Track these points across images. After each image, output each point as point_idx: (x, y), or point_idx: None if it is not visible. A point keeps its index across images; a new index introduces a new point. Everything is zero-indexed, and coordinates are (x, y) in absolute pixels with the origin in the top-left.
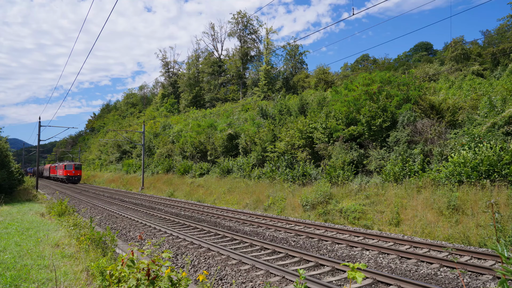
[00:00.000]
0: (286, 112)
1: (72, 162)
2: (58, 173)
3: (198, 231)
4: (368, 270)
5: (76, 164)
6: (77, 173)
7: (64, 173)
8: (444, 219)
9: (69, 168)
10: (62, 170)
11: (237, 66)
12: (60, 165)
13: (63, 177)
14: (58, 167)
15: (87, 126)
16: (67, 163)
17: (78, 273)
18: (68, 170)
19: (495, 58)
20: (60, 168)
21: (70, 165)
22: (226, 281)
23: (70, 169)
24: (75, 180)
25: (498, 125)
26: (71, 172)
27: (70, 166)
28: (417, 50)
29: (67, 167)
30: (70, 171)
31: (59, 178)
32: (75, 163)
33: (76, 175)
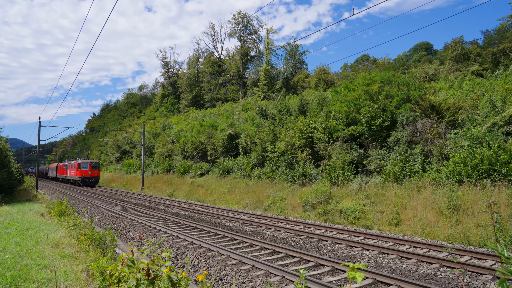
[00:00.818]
0: (286, 112)
1: (88, 159)
2: (69, 173)
3: (198, 231)
4: (368, 270)
5: (93, 163)
6: (94, 174)
7: (78, 173)
8: (444, 219)
9: (84, 167)
10: (75, 170)
11: (237, 66)
12: (72, 164)
13: (77, 179)
14: (69, 167)
15: (87, 126)
16: (82, 161)
17: (78, 273)
18: (83, 170)
19: (495, 58)
20: (72, 167)
21: (86, 163)
22: (226, 281)
23: (86, 168)
24: (92, 183)
25: (498, 125)
26: (86, 173)
27: (86, 165)
28: (417, 50)
29: (82, 166)
30: (86, 171)
31: (71, 180)
32: (91, 161)
33: (93, 176)
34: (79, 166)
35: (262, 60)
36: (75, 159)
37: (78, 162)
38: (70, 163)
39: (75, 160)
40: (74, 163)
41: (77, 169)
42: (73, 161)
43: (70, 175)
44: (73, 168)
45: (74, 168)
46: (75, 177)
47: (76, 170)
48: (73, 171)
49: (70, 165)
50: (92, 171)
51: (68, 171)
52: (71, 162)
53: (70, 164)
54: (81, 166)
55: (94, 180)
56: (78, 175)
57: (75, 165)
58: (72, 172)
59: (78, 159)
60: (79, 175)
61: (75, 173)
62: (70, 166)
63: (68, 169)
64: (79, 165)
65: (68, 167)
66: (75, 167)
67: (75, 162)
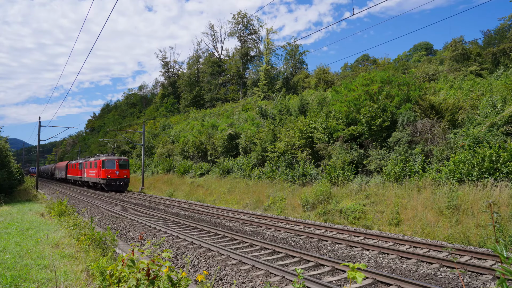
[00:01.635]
0: (286, 112)
1: (113, 155)
2: (85, 174)
3: (198, 231)
4: (368, 270)
5: (121, 160)
6: (123, 175)
7: (102, 174)
8: (444, 219)
9: (109, 165)
10: (96, 169)
11: (237, 66)
12: (91, 162)
13: (99, 182)
14: (85, 165)
15: (87, 126)
16: (107, 158)
17: (78, 273)
18: (108, 170)
19: (495, 58)
20: (92, 166)
21: (112, 161)
22: (226, 281)
23: (112, 167)
24: (121, 187)
25: (497, 125)
26: (113, 173)
27: (112, 163)
28: (417, 50)
29: (107, 164)
30: (112, 172)
31: (89, 183)
32: (119, 157)
33: (122, 178)
34: (103, 165)
35: (262, 60)
36: (96, 155)
37: (101, 159)
38: (88, 160)
39: (96, 157)
40: (95, 161)
41: (99, 168)
42: (93, 158)
43: (89, 176)
44: (92, 168)
45: (95, 167)
46: (96, 178)
47: (98, 169)
48: (92, 171)
49: (87, 163)
50: (120, 171)
51: (85, 171)
52: (89, 160)
53: (87, 163)
54: (106, 165)
55: (124, 183)
56: (102, 177)
57: (96, 163)
58: (92, 173)
59: (100, 155)
60: (103, 176)
61: (97, 173)
62: (88, 165)
63: (85, 168)
64: (102, 163)
65: (85, 166)
66: (97, 166)
67: (96, 159)
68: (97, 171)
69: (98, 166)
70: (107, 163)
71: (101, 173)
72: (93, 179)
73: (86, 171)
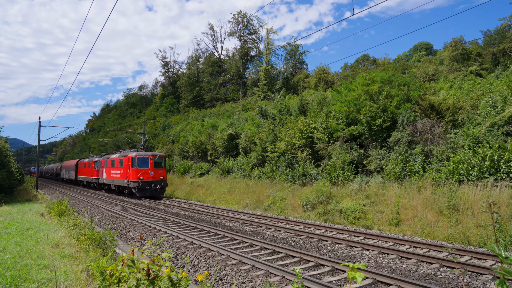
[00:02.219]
0: (286, 112)
1: (147, 150)
2: (106, 175)
3: (198, 231)
4: (368, 270)
5: (157, 157)
6: (160, 176)
7: (132, 175)
8: (444, 219)
9: (142, 164)
10: (122, 169)
11: (237, 66)
12: (113, 159)
13: (128, 185)
14: (103, 164)
15: (87, 126)
16: (138, 154)
17: (78, 273)
18: (140, 170)
19: (495, 58)
20: (115, 165)
21: (145, 158)
22: (226, 281)
23: (145, 166)
24: (157, 192)
25: (497, 125)
26: (147, 174)
27: (145, 161)
28: (417, 50)
29: (139, 162)
30: (145, 172)
31: (111, 186)
32: (154, 153)
33: (159, 180)
34: (133, 163)
35: (262, 60)
36: (120, 151)
37: (130, 156)
38: (109, 157)
39: (121, 153)
40: (121, 158)
41: (127, 167)
42: (116, 155)
43: (110, 177)
44: (116, 167)
45: (120, 166)
46: (122, 181)
47: (126, 169)
48: (116, 171)
49: (108, 161)
50: (155, 171)
51: (103, 171)
52: (110, 157)
53: (108, 160)
54: (137, 163)
55: (160, 187)
56: (132, 178)
57: (122, 161)
58: (115, 173)
59: (127, 150)
60: (133, 178)
61: (123, 174)
62: (109, 164)
63: (103, 167)
64: (132, 160)
65: (103, 164)
66: (123, 165)
67: (122, 155)
68: (123, 171)
69: (125, 165)
70: (139, 161)
71: (130, 173)
72: (117, 182)
73: (106, 171)
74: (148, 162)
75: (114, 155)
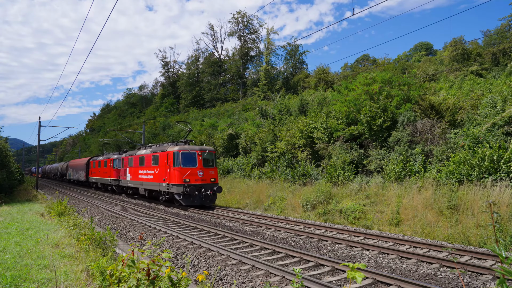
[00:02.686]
0: (286, 112)
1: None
2: (132, 175)
3: (198, 231)
4: (368, 270)
5: (206, 152)
6: (211, 177)
7: (175, 177)
8: (444, 219)
9: (188, 162)
10: (158, 169)
11: (237, 66)
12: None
13: (169, 189)
14: (127, 162)
15: (87, 126)
16: (182, 149)
17: (78, 273)
18: (185, 169)
19: (495, 58)
20: (146, 163)
21: (192, 154)
22: (226, 281)
23: (192, 164)
24: (208, 199)
25: (498, 125)
26: (194, 175)
27: (191, 158)
28: (417, 50)
29: (185, 159)
30: (193, 172)
31: (142, 191)
32: (201, 147)
33: (210, 183)
34: (175, 160)
35: (262, 60)
36: (150, 146)
37: (169, 151)
38: (137, 154)
39: (155, 147)
40: (154, 154)
41: (164, 166)
42: (146, 150)
43: (139, 179)
44: (148, 165)
45: (155, 163)
46: (158, 184)
47: (164, 168)
48: (148, 171)
49: (134, 159)
50: (205, 171)
51: (127, 172)
52: (138, 153)
53: (134, 158)
54: (181, 160)
55: (213, 193)
56: (175, 181)
57: (157, 157)
58: (146, 174)
59: (164, 144)
60: (177, 180)
61: (160, 174)
62: (136, 162)
63: (127, 167)
64: (174, 157)
65: (127, 163)
66: (159, 163)
67: (158, 150)
68: (159, 172)
69: (162, 163)
70: (184, 158)
71: (171, 174)
72: (149, 185)
73: (131, 172)
74: (196, 159)
75: (143, 150)
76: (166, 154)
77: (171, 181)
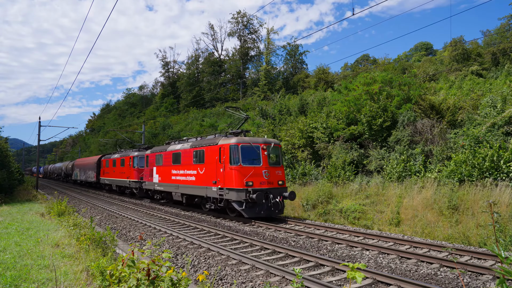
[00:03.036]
0: (286, 112)
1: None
2: (161, 177)
3: (198, 231)
4: (368, 270)
5: (272, 147)
6: (278, 178)
7: (233, 179)
8: (444, 219)
9: (249, 158)
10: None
11: (237, 66)
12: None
13: (224, 195)
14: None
15: (87, 126)
16: (242, 142)
17: (78, 273)
18: (249, 169)
19: (495, 58)
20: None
21: (253, 148)
22: (226, 281)
23: (255, 162)
24: (277, 208)
25: (498, 125)
26: (259, 177)
27: (254, 153)
28: (417, 50)
29: (245, 154)
30: (257, 172)
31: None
32: (266, 140)
33: (277, 187)
34: (232, 157)
35: (262, 60)
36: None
37: (222, 144)
38: (170, 149)
39: (196, 141)
40: (197, 150)
41: (220, 163)
42: (184, 144)
43: (172, 181)
44: (186, 163)
45: (199, 161)
46: (200, 187)
47: (215, 167)
48: (186, 171)
49: (165, 156)
50: (271, 170)
51: (154, 172)
52: (170, 149)
53: (165, 155)
54: (239, 156)
55: (281, 200)
56: (234, 185)
57: (202, 153)
58: (184, 175)
59: (215, 136)
60: (236, 184)
61: (207, 176)
62: (168, 159)
63: (156, 166)
64: (230, 152)
65: (155, 161)
66: (209, 161)
67: (203, 144)
68: (207, 172)
69: (211, 161)
70: (244, 153)
71: (228, 176)
72: (192, 189)
73: (162, 172)
74: (260, 156)
75: (178, 145)
76: (217, 149)
77: (227, 184)
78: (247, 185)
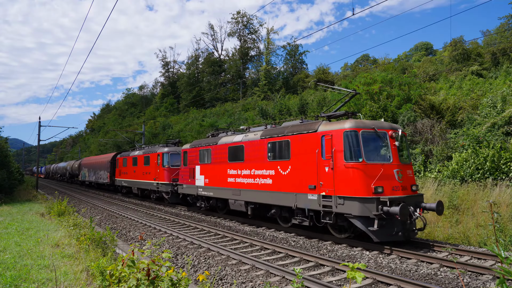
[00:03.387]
0: (286, 112)
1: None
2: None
3: (198, 231)
4: (368, 270)
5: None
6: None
7: (353, 183)
8: (444, 219)
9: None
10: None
11: (237, 66)
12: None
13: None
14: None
15: (87, 126)
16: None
17: (78, 273)
18: (378, 167)
19: (495, 58)
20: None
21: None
22: (226, 281)
23: (383, 157)
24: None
25: (498, 125)
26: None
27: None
28: (417, 50)
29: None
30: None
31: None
32: (393, 125)
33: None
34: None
35: (262, 60)
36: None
37: (330, 130)
38: (227, 141)
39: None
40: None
41: (327, 159)
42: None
43: (231, 184)
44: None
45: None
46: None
47: (320, 164)
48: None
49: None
50: (403, 169)
51: (196, 172)
52: (226, 140)
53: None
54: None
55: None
56: (354, 192)
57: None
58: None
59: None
60: (357, 191)
61: (303, 176)
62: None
63: (200, 164)
64: (345, 144)
65: (197, 159)
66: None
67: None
68: (296, 170)
69: (304, 157)
70: (367, 144)
71: (340, 177)
72: (269, 196)
73: (210, 172)
74: (389, 148)
75: (237, 136)
76: (317, 138)
77: (340, 190)
78: (376, 192)
